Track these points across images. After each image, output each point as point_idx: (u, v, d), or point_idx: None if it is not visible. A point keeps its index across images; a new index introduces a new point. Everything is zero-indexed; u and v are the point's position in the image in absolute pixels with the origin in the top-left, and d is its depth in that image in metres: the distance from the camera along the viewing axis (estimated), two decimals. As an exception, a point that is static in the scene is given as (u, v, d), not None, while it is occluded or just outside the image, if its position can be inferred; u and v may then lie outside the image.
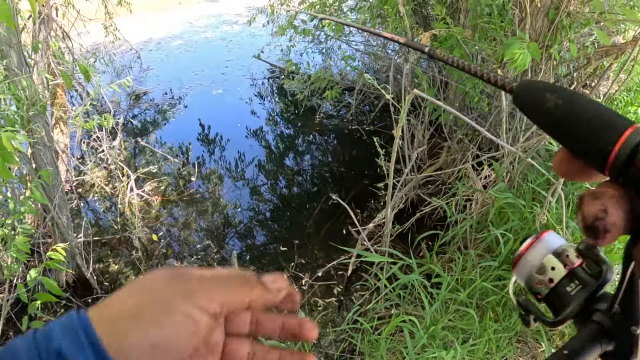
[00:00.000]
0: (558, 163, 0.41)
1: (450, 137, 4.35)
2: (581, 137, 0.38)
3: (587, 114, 0.37)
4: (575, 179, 0.41)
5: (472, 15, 3.47)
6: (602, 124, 0.36)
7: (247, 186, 4.68)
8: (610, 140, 0.35)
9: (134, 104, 6.46)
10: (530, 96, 0.42)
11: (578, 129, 0.38)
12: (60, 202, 3.21)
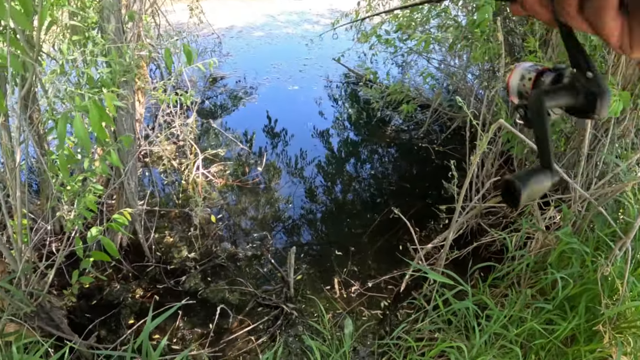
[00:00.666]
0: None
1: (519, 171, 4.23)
2: None
3: None
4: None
5: (561, 51, 3.37)
6: None
7: (308, 184, 4.68)
8: None
9: (209, 87, 6.58)
10: None
11: None
12: (132, 168, 3.28)
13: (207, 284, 3.42)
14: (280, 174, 4.81)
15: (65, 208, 3.01)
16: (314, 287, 3.42)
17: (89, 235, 2.68)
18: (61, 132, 1.99)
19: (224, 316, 3.16)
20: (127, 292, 3.33)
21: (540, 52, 3.22)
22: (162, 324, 3.05)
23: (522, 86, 0.65)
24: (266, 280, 3.48)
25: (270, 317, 3.17)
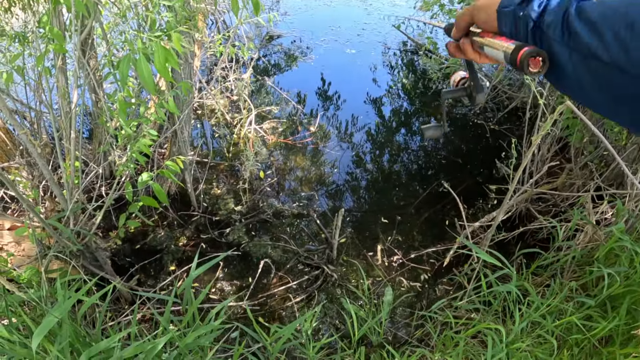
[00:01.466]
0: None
1: (575, 160, 4.08)
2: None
3: None
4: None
5: None
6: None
7: (357, 150, 4.63)
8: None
9: (266, 44, 6.54)
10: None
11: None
12: (187, 117, 3.30)
13: (250, 238, 3.45)
14: (331, 137, 4.76)
15: (117, 153, 3.06)
16: (357, 252, 3.41)
17: (140, 180, 2.72)
18: (124, 73, 1.99)
19: (264, 271, 3.20)
20: (170, 240, 3.40)
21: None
22: (203, 273, 3.10)
23: (454, 81, 1.03)
24: (309, 240, 3.49)
25: (310, 276, 3.18)
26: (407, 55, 6.73)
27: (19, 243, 2.97)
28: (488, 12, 0.80)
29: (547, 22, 0.69)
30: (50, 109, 2.70)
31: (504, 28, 0.77)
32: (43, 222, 2.50)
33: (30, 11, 2.89)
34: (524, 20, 0.73)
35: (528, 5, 0.73)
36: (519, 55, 0.70)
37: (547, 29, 0.69)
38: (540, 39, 0.71)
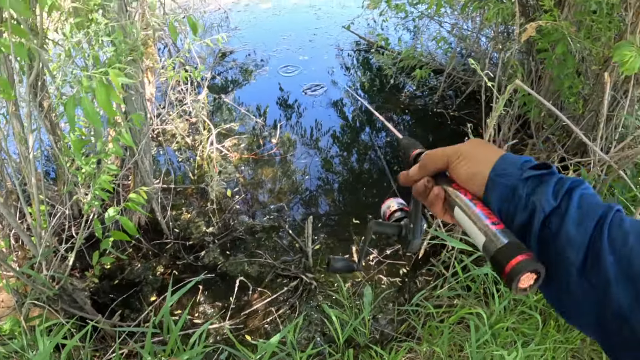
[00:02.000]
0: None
1: (536, 135, 4.17)
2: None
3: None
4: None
5: (578, 10, 3.27)
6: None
7: (323, 155, 4.66)
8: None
9: (219, 62, 6.54)
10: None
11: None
12: (145, 147, 3.29)
13: (226, 257, 3.45)
14: (295, 145, 4.78)
15: (82, 191, 3.04)
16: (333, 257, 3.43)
17: (107, 216, 2.71)
18: (70, 115, 1.99)
19: (243, 289, 3.20)
20: (147, 270, 3.38)
21: (556, 11, 3.13)
22: (184, 299, 3.10)
23: (385, 211, 0.91)
24: (285, 252, 3.50)
25: (289, 287, 3.19)
26: (361, 55, 6.79)
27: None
28: (474, 171, 0.66)
29: (566, 231, 0.54)
30: (9, 156, 2.67)
31: (494, 201, 0.63)
32: (14, 271, 2.48)
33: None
34: (527, 206, 0.59)
35: (538, 187, 0.59)
36: (510, 263, 0.54)
37: (561, 240, 0.54)
38: (545, 242, 0.57)
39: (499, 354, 2.21)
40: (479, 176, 0.65)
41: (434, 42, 5.55)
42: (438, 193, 0.71)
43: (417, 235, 0.82)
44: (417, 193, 0.76)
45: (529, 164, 0.62)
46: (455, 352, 2.54)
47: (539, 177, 0.60)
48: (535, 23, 2.98)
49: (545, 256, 0.56)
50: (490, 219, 0.61)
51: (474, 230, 0.62)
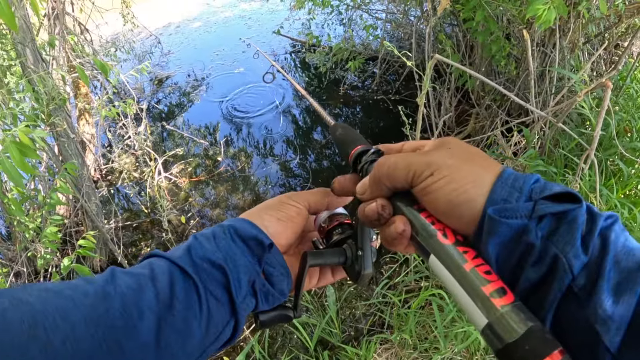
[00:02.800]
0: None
1: (478, 103, 4.24)
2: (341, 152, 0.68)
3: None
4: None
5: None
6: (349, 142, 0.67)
7: (276, 162, 4.67)
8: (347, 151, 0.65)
9: (157, 89, 6.48)
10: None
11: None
12: (89, 190, 3.25)
13: (192, 285, 3.42)
14: (247, 157, 4.78)
15: (36, 246, 2.99)
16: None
17: (62, 267, 2.67)
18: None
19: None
20: (116, 312, 3.33)
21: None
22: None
23: (322, 226, 0.69)
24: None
25: (254, 301, 3.17)
26: (297, 56, 6.81)
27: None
28: (459, 200, 0.44)
29: (600, 302, 0.37)
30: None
31: (489, 247, 0.42)
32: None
33: None
34: (541, 259, 0.40)
35: (559, 230, 0.40)
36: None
37: (592, 312, 0.37)
38: (567, 314, 0.39)
39: (462, 330, 2.25)
40: (465, 207, 0.44)
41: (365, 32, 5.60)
42: (403, 231, 0.48)
43: (367, 265, 0.61)
44: (367, 219, 0.53)
45: (539, 188, 0.43)
46: (429, 334, 2.57)
47: (560, 215, 0.41)
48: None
49: (565, 333, 0.39)
50: (491, 283, 0.41)
51: (466, 301, 0.41)
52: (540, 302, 0.40)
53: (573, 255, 0.39)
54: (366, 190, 0.54)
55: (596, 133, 2.46)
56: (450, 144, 0.50)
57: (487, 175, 0.44)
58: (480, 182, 0.44)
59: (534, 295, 0.41)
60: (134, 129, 4.66)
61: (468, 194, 0.44)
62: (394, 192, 0.52)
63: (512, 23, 3.66)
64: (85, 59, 4.58)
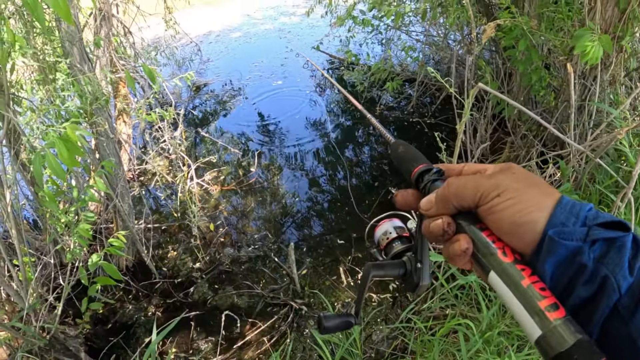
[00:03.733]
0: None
1: (513, 132, 4.19)
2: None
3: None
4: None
5: (538, 3, 3.31)
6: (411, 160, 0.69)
7: (305, 176, 4.68)
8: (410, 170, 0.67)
9: (194, 95, 6.58)
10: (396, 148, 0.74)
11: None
12: (123, 190, 3.30)
13: (215, 291, 3.44)
14: (278, 170, 4.81)
15: (66, 239, 3.05)
16: (320, 279, 3.43)
17: (90, 263, 2.71)
18: (37, 170, 2.00)
19: (235, 321, 3.19)
20: (139, 312, 3.37)
21: (514, 8, 3.17)
22: (177, 337, 3.10)
23: (381, 238, 0.76)
24: (273, 280, 3.49)
25: (280, 315, 3.18)
26: (334, 72, 6.84)
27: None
28: (521, 221, 0.48)
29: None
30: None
31: (547, 266, 0.47)
32: (2, 325, 2.48)
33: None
34: (592, 279, 0.45)
35: (610, 254, 0.45)
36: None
37: (635, 329, 0.42)
38: (612, 330, 0.44)
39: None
40: (527, 228, 0.48)
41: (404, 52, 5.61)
42: (467, 249, 0.52)
43: (425, 276, 0.65)
44: (431, 235, 0.56)
45: (593, 216, 0.48)
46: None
47: (610, 241, 0.45)
48: (493, 23, 3.01)
49: (610, 344, 0.44)
50: (546, 299, 0.45)
51: (523, 315, 0.46)
52: (589, 317, 0.44)
53: (621, 276, 0.43)
54: (432, 207, 0.57)
55: (635, 172, 2.42)
56: (514, 169, 0.53)
57: (548, 200, 0.49)
58: (543, 206, 0.48)
59: (584, 311, 0.45)
60: (169, 133, 4.73)
61: (531, 215, 0.48)
62: (459, 211, 0.55)
63: (553, 53, 3.63)
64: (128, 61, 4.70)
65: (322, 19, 6.73)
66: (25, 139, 2.73)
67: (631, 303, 0.43)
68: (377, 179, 4.52)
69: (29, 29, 3.05)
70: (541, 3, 3.23)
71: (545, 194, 0.50)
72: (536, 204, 0.48)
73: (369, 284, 0.68)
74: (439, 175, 0.63)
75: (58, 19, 2.76)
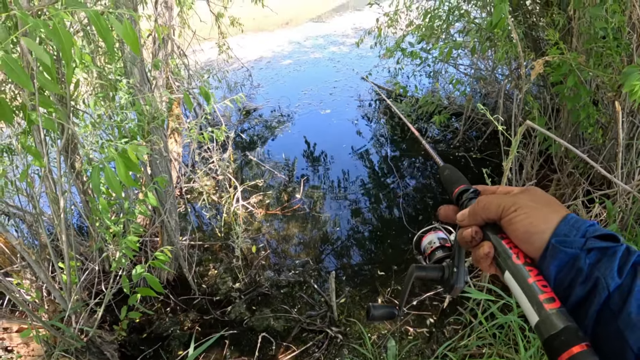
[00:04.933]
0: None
1: (560, 169, 4.12)
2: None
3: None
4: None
5: (586, 38, 3.29)
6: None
7: (348, 206, 4.70)
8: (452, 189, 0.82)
9: (244, 119, 6.75)
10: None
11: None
12: (171, 207, 3.40)
13: (252, 312, 3.48)
14: (321, 197, 4.85)
15: (112, 248, 3.16)
16: (357, 309, 3.42)
17: (134, 273, 2.79)
18: (95, 182, 2.11)
19: (269, 343, 3.21)
20: (175, 325, 3.43)
21: (562, 44, 3.16)
22: (211, 353, 3.14)
23: (426, 247, 0.88)
24: (310, 306, 3.51)
25: (315, 341, 3.19)
26: (382, 104, 6.90)
27: (27, 344, 3.03)
28: (532, 231, 0.60)
29: (628, 313, 0.51)
30: (40, 217, 2.80)
31: (551, 269, 0.58)
32: (43, 323, 2.57)
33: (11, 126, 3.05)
34: (587, 280, 0.55)
35: (602, 260, 0.55)
36: (563, 355, 0.51)
37: (622, 322, 0.51)
38: (603, 322, 0.53)
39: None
40: (537, 237, 0.60)
41: (451, 85, 5.62)
42: (488, 252, 0.66)
43: (460, 280, 0.78)
44: (463, 241, 0.70)
45: (593, 230, 0.58)
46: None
47: (604, 250, 0.56)
48: (542, 59, 3.01)
49: (601, 336, 0.53)
50: (545, 293, 0.56)
51: (526, 305, 0.57)
52: (585, 313, 0.54)
53: (610, 277, 0.53)
54: (465, 219, 0.71)
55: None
56: (533, 190, 0.67)
57: (555, 216, 0.61)
58: (550, 220, 0.60)
59: (581, 309, 0.55)
60: (218, 154, 4.86)
61: (539, 227, 0.60)
62: (486, 223, 0.68)
63: (601, 89, 3.58)
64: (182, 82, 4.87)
65: (372, 49, 6.83)
66: (83, 152, 2.87)
67: (619, 300, 0.51)
68: (420, 212, 4.50)
69: (95, 49, 3.23)
70: (589, 38, 3.21)
71: (554, 211, 0.62)
72: (545, 219, 0.61)
73: (412, 282, 0.80)
74: (475, 195, 0.77)
75: (122, 41, 2.91)
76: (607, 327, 0.52)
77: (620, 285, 0.52)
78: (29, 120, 2.03)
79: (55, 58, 2.45)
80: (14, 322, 3.09)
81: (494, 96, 5.82)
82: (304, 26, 11.84)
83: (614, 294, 0.52)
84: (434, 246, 0.86)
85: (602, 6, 2.93)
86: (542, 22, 4.34)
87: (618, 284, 0.52)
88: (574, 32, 3.48)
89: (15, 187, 2.92)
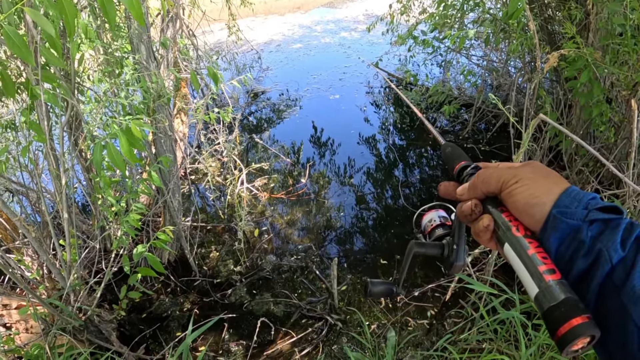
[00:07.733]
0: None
1: (569, 166, 4.07)
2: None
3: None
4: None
5: (603, 34, 3.22)
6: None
7: (353, 192, 4.67)
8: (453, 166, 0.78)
9: (251, 102, 6.70)
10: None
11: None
12: (174, 187, 3.38)
13: (252, 296, 3.47)
14: (327, 183, 4.82)
15: (114, 227, 3.14)
16: (358, 297, 3.40)
17: (135, 252, 2.78)
18: (97, 159, 2.08)
19: (268, 328, 3.20)
20: (175, 306, 3.43)
21: (579, 38, 3.09)
22: (209, 336, 3.13)
23: (427, 225, 0.87)
24: (311, 292, 3.49)
25: (314, 328, 3.17)
26: (391, 91, 6.84)
27: (26, 321, 3.03)
28: (532, 202, 0.59)
29: (632, 286, 0.49)
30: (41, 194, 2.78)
31: (552, 241, 0.56)
32: (41, 301, 2.56)
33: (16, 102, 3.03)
34: (589, 253, 0.53)
35: (605, 232, 0.53)
36: (564, 327, 0.49)
37: (625, 295, 0.49)
38: (606, 295, 0.52)
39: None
40: (537, 209, 0.58)
41: (462, 76, 5.55)
42: (488, 225, 0.64)
43: (459, 257, 0.77)
44: (462, 215, 0.69)
45: (595, 202, 0.56)
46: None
47: (606, 222, 0.54)
48: (557, 52, 2.94)
49: (604, 310, 0.51)
50: (545, 265, 0.54)
51: (526, 277, 0.55)
52: (587, 286, 0.52)
53: (613, 250, 0.51)
54: (465, 193, 0.70)
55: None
56: (533, 164, 0.65)
57: (556, 188, 0.59)
58: (551, 192, 0.58)
59: (583, 283, 0.53)
60: (224, 136, 4.82)
61: (540, 198, 0.58)
62: (486, 197, 0.67)
63: (616, 87, 3.51)
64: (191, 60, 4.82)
65: (383, 36, 6.75)
66: (86, 128, 2.84)
67: (623, 273, 0.49)
68: (425, 201, 4.46)
69: (101, 24, 3.18)
70: (606, 34, 3.14)
71: (555, 183, 0.60)
72: (546, 190, 0.59)
73: (410, 258, 0.81)
74: (476, 170, 0.74)
75: (128, 17, 2.87)
76: (609, 300, 0.51)
77: (623, 258, 0.50)
78: (31, 95, 2.00)
79: (61, 34, 2.41)
80: (13, 299, 3.09)
81: (506, 89, 5.75)
82: (315, 10, 11.73)
83: (617, 266, 0.50)
84: (434, 224, 0.85)
85: (621, 2, 2.86)
86: (558, 15, 4.25)
87: (621, 257, 0.50)
88: (591, 28, 3.40)
89: (18, 163, 2.90)
